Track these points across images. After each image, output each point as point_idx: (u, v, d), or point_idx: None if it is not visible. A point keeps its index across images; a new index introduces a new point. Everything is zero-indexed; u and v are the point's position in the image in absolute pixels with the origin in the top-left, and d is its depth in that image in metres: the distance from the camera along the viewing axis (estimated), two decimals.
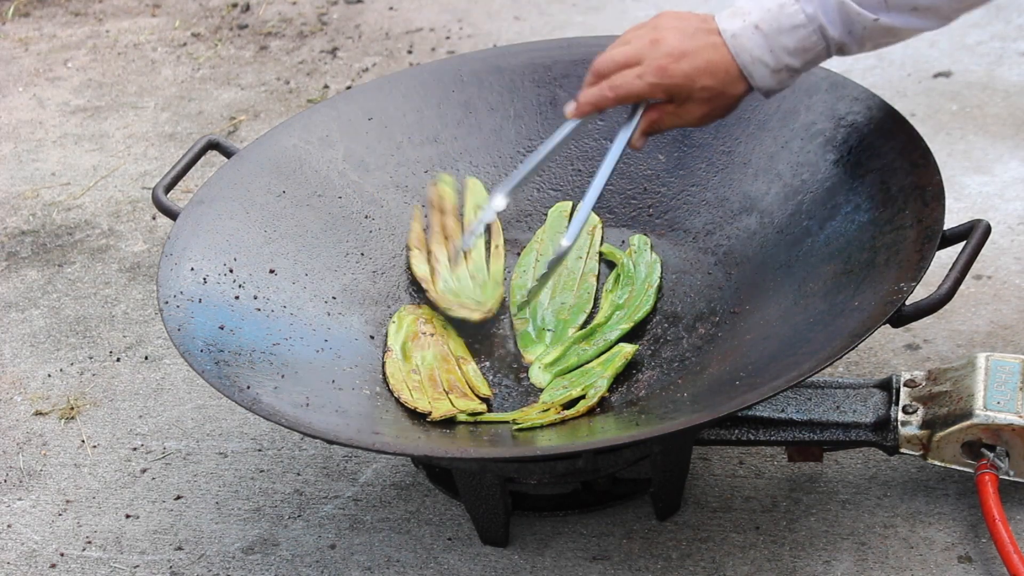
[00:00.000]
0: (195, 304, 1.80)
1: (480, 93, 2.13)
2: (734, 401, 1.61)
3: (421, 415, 1.78)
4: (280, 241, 1.95)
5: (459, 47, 3.10)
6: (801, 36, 1.67)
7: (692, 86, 1.69)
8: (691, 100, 1.71)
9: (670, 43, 1.69)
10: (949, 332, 2.12)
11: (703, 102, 1.71)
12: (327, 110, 2.10)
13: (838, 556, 1.79)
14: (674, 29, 1.70)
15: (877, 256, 1.73)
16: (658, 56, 1.69)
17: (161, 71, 3.16)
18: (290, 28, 3.27)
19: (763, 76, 1.69)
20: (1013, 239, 2.30)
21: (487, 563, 1.84)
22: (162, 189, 1.96)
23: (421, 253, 2.00)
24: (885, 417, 1.80)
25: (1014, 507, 1.81)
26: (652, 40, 1.70)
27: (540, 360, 1.89)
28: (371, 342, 1.90)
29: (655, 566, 1.81)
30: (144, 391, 2.21)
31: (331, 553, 1.88)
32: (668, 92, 1.71)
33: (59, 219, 2.66)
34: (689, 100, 1.71)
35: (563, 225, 2.02)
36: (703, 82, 1.69)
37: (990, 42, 2.85)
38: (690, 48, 1.68)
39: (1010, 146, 2.53)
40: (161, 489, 2.02)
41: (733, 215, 1.97)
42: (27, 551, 1.95)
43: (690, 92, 1.70)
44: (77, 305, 2.42)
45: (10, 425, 2.18)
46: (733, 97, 1.72)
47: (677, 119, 1.74)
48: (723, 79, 1.69)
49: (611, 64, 1.73)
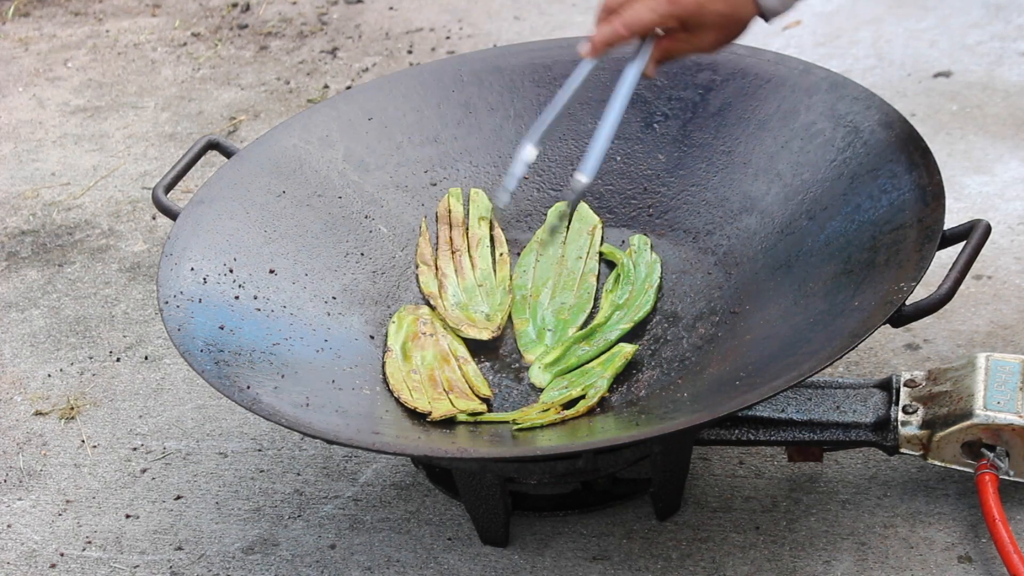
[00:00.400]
0: (195, 304, 1.80)
1: (480, 93, 2.13)
2: (734, 401, 1.61)
3: (421, 415, 1.78)
4: (280, 241, 1.95)
5: (459, 47, 3.10)
6: None
7: (703, 12, 1.68)
8: (703, 26, 1.70)
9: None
10: (949, 332, 2.12)
11: (715, 28, 1.70)
12: (327, 110, 2.10)
13: (838, 556, 1.79)
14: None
15: (877, 256, 1.73)
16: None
17: (161, 71, 3.16)
18: (290, 28, 3.27)
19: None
20: (1013, 239, 2.30)
21: (487, 563, 1.84)
22: (162, 189, 1.96)
23: (430, 270, 2.00)
24: (885, 417, 1.80)
25: (1014, 507, 1.81)
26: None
27: (540, 360, 1.89)
28: (371, 342, 1.90)
29: (655, 566, 1.81)
30: (144, 391, 2.21)
31: (331, 553, 1.88)
32: (680, 20, 1.69)
33: (59, 219, 2.66)
34: (701, 27, 1.70)
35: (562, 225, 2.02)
36: (714, 7, 1.67)
37: (990, 42, 2.85)
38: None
39: (1010, 146, 2.53)
40: (161, 489, 2.02)
41: (733, 215, 1.97)
42: (27, 551, 1.95)
43: (702, 18, 1.68)
44: (77, 305, 2.42)
45: (10, 425, 2.18)
46: (744, 20, 1.70)
47: (689, 46, 1.73)
48: (733, 2, 1.68)
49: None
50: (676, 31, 1.71)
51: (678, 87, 2.05)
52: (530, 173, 2.09)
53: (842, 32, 2.93)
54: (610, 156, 2.07)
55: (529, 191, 2.09)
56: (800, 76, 1.99)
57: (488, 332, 1.93)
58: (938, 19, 2.96)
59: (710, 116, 2.03)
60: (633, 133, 2.07)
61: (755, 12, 1.70)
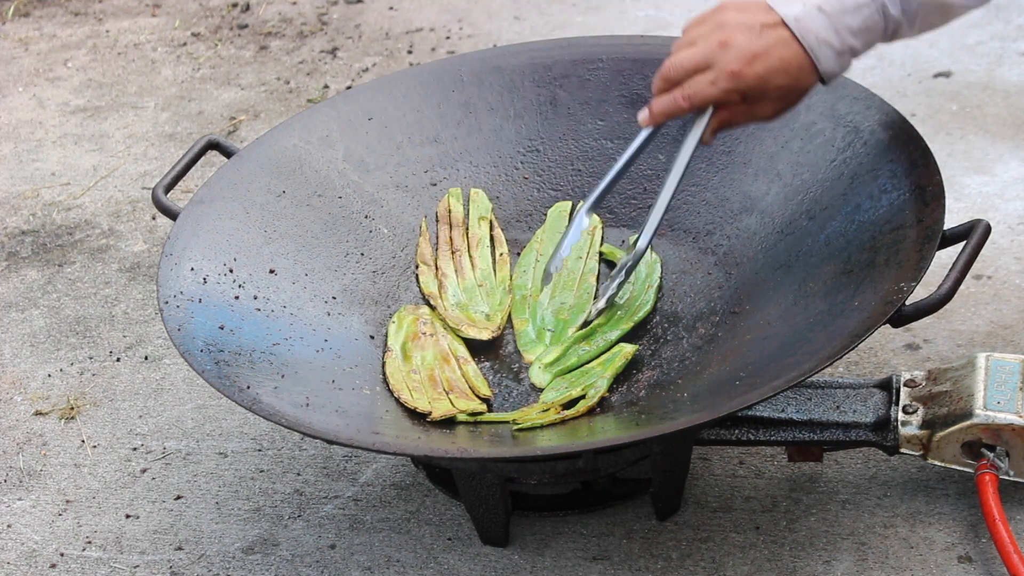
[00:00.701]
0: (195, 304, 1.80)
1: (480, 93, 2.13)
2: (734, 401, 1.61)
3: (421, 415, 1.78)
4: (280, 241, 1.95)
5: (459, 47, 3.10)
6: (865, 16, 1.65)
7: (767, 87, 1.67)
8: (765, 99, 1.69)
9: (740, 45, 1.65)
10: (949, 332, 2.12)
11: (777, 100, 1.69)
12: (327, 110, 2.10)
13: (838, 556, 1.79)
14: (739, 27, 1.66)
15: (877, 256, 1.73)
16: (729, 60, 1.66)
17: (161, 71, 3.16)
18: (290, 28, 3.27)
19: (828, 58, 1.67)
20: (1013, 239, 2.30)
21: (487, 563, 1.84)
22: (162, 189, 1.96)
23: (430, 270, 2.00)
24: (885, 417, 1.80)
25: (1014, 507, 1.81)
26: (720, 42, 1.66)
27: (540, 360, 1.89)
28: (371, 342, 1.90)
29: (655, 566, 1.81)
30: (144, 391, 2.21)
31: (331, 553, 1.88)
32: (742, 95, 1.68)
33: (59, 219, 2.66)
34: (763, 99, 1.69)
35: (562, 225, 2.02)
36: (777, 81, 1.67)
37: (990, 42, 2.85)
38: (760, 48, 1.65)
39: (1010, 146, 2.53)
40: (161, 489, 2.02)
41: (733, 215, 1.97)
42: (27, 551, 1.95)
43: (764, 92, 1.68)
44: (77, 305, 2.42)
45: (10, 425, 2.18)
46: (805, 89, 1.70)
47: (749, 117, 1.72)
48: (796, 74, 1.67)
49: (681, 71, 1.70)
50: (737, 103, 1.70)
51: None
52: (530, 173, 2.10)
53: None
54: (610, 156, 2.07)
55: (529, 191, 2.09)
56: None
57: (488, 332, 1.93)
58: None
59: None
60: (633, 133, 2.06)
61: (816, 80, 1.69)
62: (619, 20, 3.11)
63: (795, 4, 1.65)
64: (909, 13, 1.67)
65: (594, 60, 2.12)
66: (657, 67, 2.08)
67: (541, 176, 2.09)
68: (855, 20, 1.66)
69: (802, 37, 1.65)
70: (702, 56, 1.68)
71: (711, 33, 1.68)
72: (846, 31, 1.66)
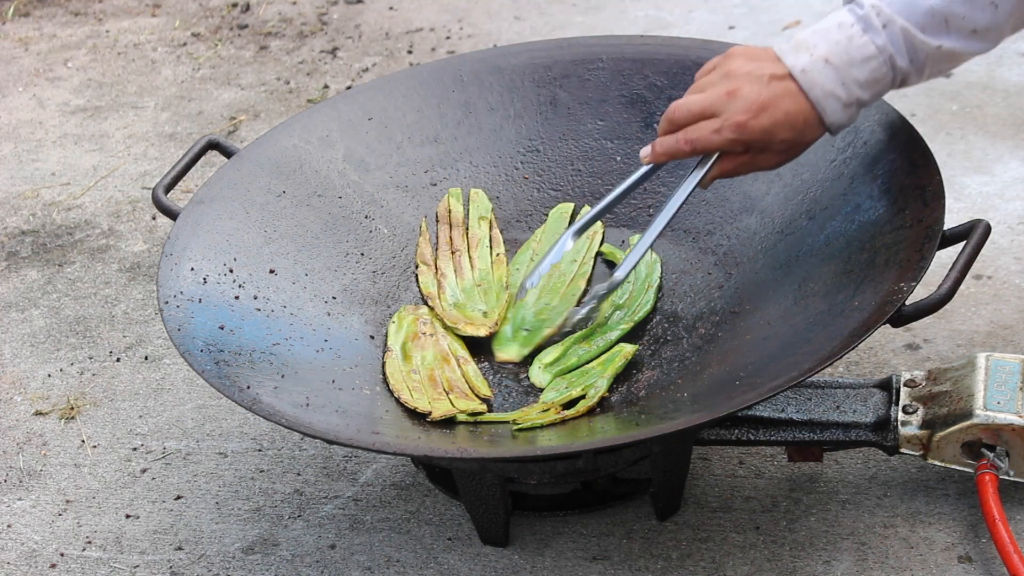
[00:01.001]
0: (195, 304, 1.80)
1: (480, 93, 2.13)
2: (734, 401, 1.61)
3: (421, 415, 1.78)
4: (280, 241, 1.95)
5: (459, 47, 3.10)
6: (872, 68, 1.64)
7: (771, 139, 1.67)
8: (769, 151, 1.69)
9: (747, 96, 1.65)
10: (949, 332, 2.12)
11: (781, 152, 1.70)
12: (327, 110, 2.10)
13: (838, 556, 1.79)
14: (748, 77, 1.66)
15: (877, 256, 1.73)
16: (736, 111, 1.66)
17: (161, 71, 3.16)
18: (290, 28, 3.27)
19: (835, 111, 1.66)
20: (1013, 239, 2.30)
21: (487, 563, 1.84)
22: (162, 189, 1.96)
23: (429, 270, 2.00)
24: (885, 417, 1.80)
25: (1014, 507, 1.81)
26: (728, 91, 1.67)
27: (540, 360, 1.89)
28: (371, 342, 1.90)
29: (655, 566, 1.81)
30: (144, 391, 2.21)
31: (331, 553, 1.88)
32: (746, 146, 1.68)
33: (59, 219, 2.66)
34: (767, 151, 1.69)
35: (562, 227, 2.02)
36: (782, 135, 1.67)
37: None
38: (767, 100, 1.65)
39: (1010, 146, 2.53)
40: (161, 489, 2.02)
41: (733, 215, 1.97)
42: (27, 551, 1.95)
43: (768, 144, 1.68)
44: (77, 305, 2.42)
45: (10, 425, 2.18)
46: (809, 142, 1.70)
47: (751, 167, 1.73)
48: (801, 128, 1.67)
49: (687, 115, 1.70)
50: (740, 153, 1.70)
51: (678, 87, 2.05)
52: (530, 173, 2.10)
53: None
54: (610, 156, 2.07)
55: (529, 191, 2.09)
56: None
57: (485, 328, 1.93)
58: None
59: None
60: (633, 133, 2.07)
61: (822, 133, 1.69)
62: (619, 20, 3.11)
63: (802, 55, 1.65)
64: (917, 63, 1.66)
65: (594, 60, 2.12)
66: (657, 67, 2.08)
67: (541, 176, 2.09)
68: (862, 72, 1.65)
69: (808, 90, 1.65)
70: (709, 103, 1.68)
71: (720, 82, 1.69)
72: (853, 83, 1.65)
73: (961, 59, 1.69)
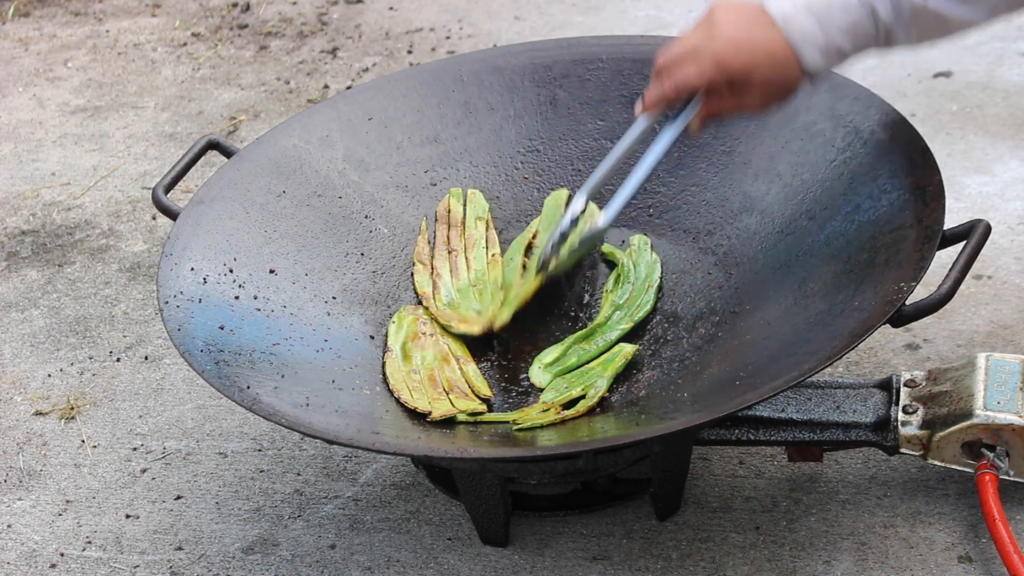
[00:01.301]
0: (195, 304, 1.80)
1: (480, 93, 2.13)
2: (734, 401, 1.61)
3: (421, 415, 1.78)
4: (280, 241, 1.95)
5: (459, 47, 3.10)
6: (853, 16, 1.66)
7: (750, 75, 1.69)
8: (750, 89, 1.71)
9: (726, 34, 1.68)
10: (949, 332, 2.12)
11: (762, 91, 1.71)
12: (327, 110, 2.10)
13: (838, 556, 1.79)
14: (729, 21, 1.69)
15: (877, 256, 1.73)
16: (715, 48, 1.69)
17: (161, 71, 3.16)
18: (290, 28, 3.27)
19: (812, 54, 1.68)
20: (1013, 239, 2.30)
21: (487, 563, 1.84)
22: (162, 189, 1.96)
23: (425, 269, 2.00)
24: (885, 417, 1.80)
25: (1014, 507, 1.81)
26: (708, 33, 1.70)
27: (540, 360, 1.89)
28: (371, 342, 1.91)
29: (655, 566, 1.81)
30: (144, 391, 2.21)
31: (331, 553, 1.88)
32: (727, 83, 1.70)
33: (59, 219, 2.66)
34: (748, 89, 1.71)
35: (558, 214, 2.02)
36: (762, 71, 1.68)
37: (990, 42, 2.85)
38: (745, 38, 1.68)
39: (1010, 146, 2.53)
40: (161, 489, 2.02)
41: (733, 215, 1.97)
42: (27, 551, 1.95)
43: (749, 81, 1.69)
44: (77, 305, 2.42)
45: (10, 425, 2.18)
46: (791, 84, 1.71)
47: (737, 107, 1.74)
48: (780, 66, 1.68)
49: (669, 60, 1.73)
50: (723, 93, 1.72)
51: None
52: (530, 173, 2.10)
53: None
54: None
55: (529, 191, 2.09)
56: None
57: (478, 326, 1.92)
58: None
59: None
60: None
61: (802, 75, 1.70)
62: (619, 20, 3.11)
63: (785, 2, 1.68)
64: (901, 18, 1.67)
65: (594, 60, 2.12)
66: None
67: (541, 176, 2.09)
68: (842, 20, 1.67)
69: (786, 32, 1.67)
70: (691, 45, 1.72)
71: (702, 28, 1.72)
72: (833, 29, 1.67)
73: (950, 25, 1.70)
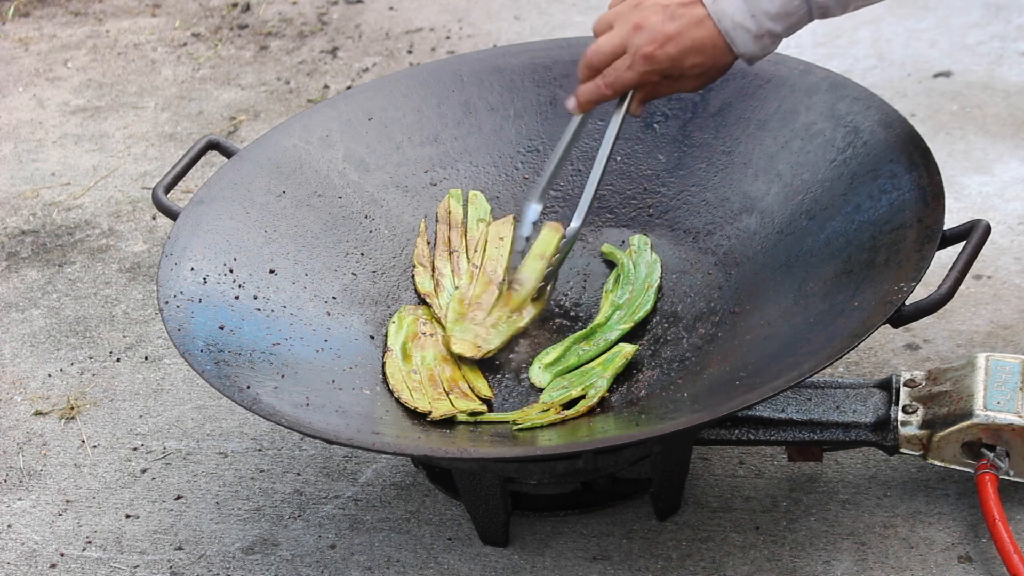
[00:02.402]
0: (195, 304, 1.80)
1: (480, 93, 2.13)
2: (734, 401, 1.61)
3: (421, 415, 1.78)
4: (280, 241, 1.95)
5: (459, 47, 3.10)
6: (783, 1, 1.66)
7: (682, 66, 1.70)
8: (683, 77, 1.72)
9: (653, 27, 1.68)
10: (949, 332, 2.12)
11: (695, 77, 1.72)
12: (327, 110, 2.10)
13: (838, 556, 1.79)
14: (655, 7, 1.69)
15: (877, 256, 1.73)
16: (643, 43, 1.69)
17: (161, 71, 3.16)
18: (290, 28, 3.27)
19: (745, 42, 1.68)
20: (1013, 239, 2.30)
21: (487, 563, 1.84)
22: (162, 189, 1.96)
23: (426, 270, 2.00)
24: (885, 417, 1.80)
25: (1014, 507, 1.81)
26: (635, 24, 1.69)
27: (540, 360, 1.88)
28: (371, 342, 1.91)
29: (655, 566, 1.81)
30: (144, 391, 2.21)
31: (331, 553, 1.88)
32: (659, 75, 1.72)
33: (59, 219, 2.66)
34: (681, 77, 1.72)
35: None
36: (691, 60, 1.69)
37: (990, 42, 2.85)
38: (673, 30, 1.68)
39: (1010, 146, 2.53)
40: (161, 489, 2.02)
41: (733, 215, 1.97)
42: (27, 551, 1.95)
43: (680, 71, 1.71)
44: (77, 305, 2.42)
45: (10, 425, 2.18)
46: (722, 66, 1.72)
47: (672, 90, 1.76)
48: (711, 53, 1.69)
49: (600, 56, 1.73)
50: (658, 82, 1.74)
51: None
52: (530, 173, 2.10)
53: (842, 32, 2.94)
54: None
55: (528, 192, 2.08)
56: (800, 76, 1.99)
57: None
58: (938, 19, 2.96)
59: (710, 116, 2.03)
60: (633, 133, 2.07)
61: (734, 58, 1.71)
62: None
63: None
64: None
65: None
66: None
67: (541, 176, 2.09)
68: (772, 5, 1.66)
69: (718, 20, 1.67)
70: (619, 40, 1.71)
71: (627, 15, 1.71)
72: (763, 15, 1.67)
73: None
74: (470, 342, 1.89)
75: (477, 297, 1.96)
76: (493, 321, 1.92)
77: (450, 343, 1.89)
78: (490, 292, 1.96)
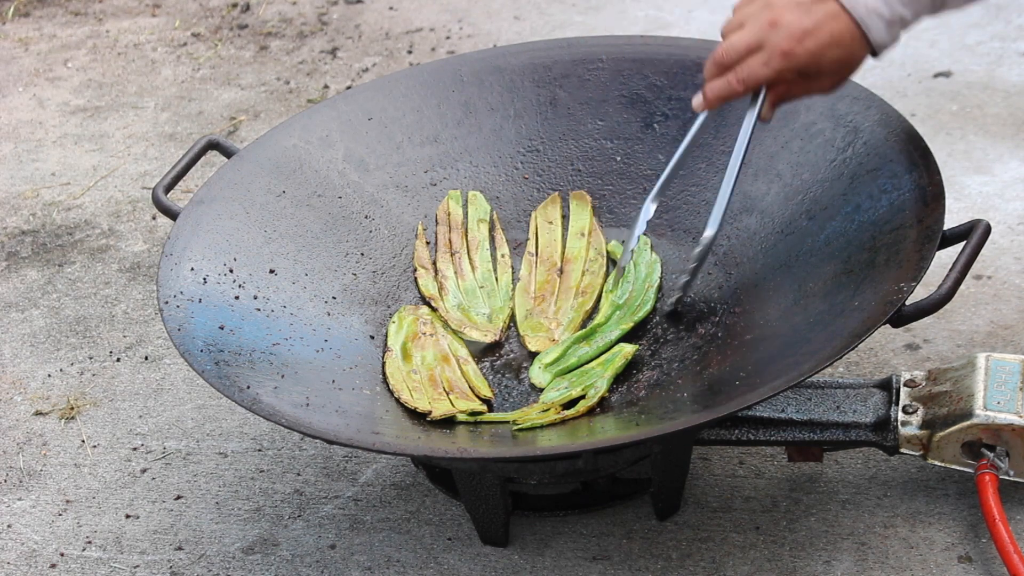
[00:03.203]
0: (195, 304, 1.80)
1: (480, 93, 2.13)
2: (734, 401, 1.61)
3: (421, 415, 1.78)
4: (280, 241, 1.95)
5: (459, 47, 3.10)
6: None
7: (820, 62, 1.67)
8: (820, 73, 1.69)
9: (790, 23, 1.65)
10: (949, 332, 2.12)
11: (831, 74, 1.69)
12: (327, 110, 2.10)
13: (838, 556, 1.79)
14: (788, 4, 1.66)
15: (877, 256, 1.73)
16: (780, 40, 1.66)
17: (161, 71, 3.16)
18: (290, 28, 3.27)
19: (879, 29, 1.66)
20: (1013, 239, 2.30)
21: (487, 563, 1.84)
22: (162, 189, 1.97)
23: (428, 273, 2.00)
24: (885, 417, 1.80)
25: (1014, 507, 1.81)
26: (770, 21, 1.66)
27: (540, 360, 1.89)
28: (371, 342, 1.91)
29: (655, 566, 1.81)
30: (144, 391, 2.21)
31: (331, 553, 1.88)
32: (796, 72, 1.68)
33: (59, 219, 2.66)
34: (818, 74, 1.69)
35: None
36: (831, 56, 1.66)
37: (990, 42, 2.85)
38: (810, 24, 1.65)
39: (1010, 146, 2.53)
40: (161, 489, 2.02)
41: (733, 215, 1.97)
42: (27, 551, 1.95)
43: (819, 67, 1.68)
44: (77, 305, 2.42)
45: (10, 425, 2.18)
46: (859, 61, 1.69)
47: (806, 90, 1.73)
48: (848, 46, 1.66)
49: (733, 54, 1.70)
50: (792, 80, 1.70)
51: (678, 87, 2.05)
52: (530, 173, 2.10)
53: None
54: (610, 156, 2.07)
55: (529, 191, 2.09)
56: None
57: (491, 335, 1.93)
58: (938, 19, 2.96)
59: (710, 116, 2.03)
60: (633, 133, 2.07)
61: (868, 51, 1.69)
62: (619, 20, 3.11)
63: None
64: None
65: (594, 60, 2.12)
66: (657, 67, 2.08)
67: (541, 176, 2.09)
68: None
69: (852, 8, 1.65)
70: (753, 38, 1.68)
71: (759, 13, 1.68)
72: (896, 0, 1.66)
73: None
74: (544, 337, 1.90)
75: (541, 286, 1.97)
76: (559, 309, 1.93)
77: (525, 342, 1.90)
78: (551, 279, 1.97)
